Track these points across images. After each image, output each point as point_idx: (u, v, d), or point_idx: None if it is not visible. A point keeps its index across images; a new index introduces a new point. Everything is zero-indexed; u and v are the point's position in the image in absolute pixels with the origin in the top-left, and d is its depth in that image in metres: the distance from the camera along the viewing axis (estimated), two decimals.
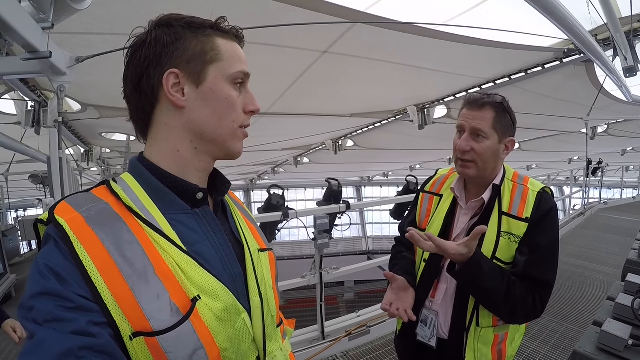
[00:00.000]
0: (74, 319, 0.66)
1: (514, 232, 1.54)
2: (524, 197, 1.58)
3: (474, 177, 1.62)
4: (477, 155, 1.56)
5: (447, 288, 1.68)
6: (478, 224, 1.57)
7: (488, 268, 1.47)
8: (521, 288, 1.49)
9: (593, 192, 15.16)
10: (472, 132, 1.56)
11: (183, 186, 0.87)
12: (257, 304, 0.91)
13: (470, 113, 1.57)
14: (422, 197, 1.90)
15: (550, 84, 5.84)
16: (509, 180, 1.65)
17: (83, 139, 7.59)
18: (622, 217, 10.12)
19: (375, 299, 16.71)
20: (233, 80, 0.88)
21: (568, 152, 15.73)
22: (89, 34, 3.24)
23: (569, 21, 2.96)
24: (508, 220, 1.56)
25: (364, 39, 4.02)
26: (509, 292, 1.46)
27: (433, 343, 1.68)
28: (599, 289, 5.18)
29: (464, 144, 1.57)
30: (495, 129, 1.55)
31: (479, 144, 1.55)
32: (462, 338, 1.60)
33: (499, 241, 1.54)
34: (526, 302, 1.49)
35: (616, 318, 2.08)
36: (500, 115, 1.55)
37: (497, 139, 1.56)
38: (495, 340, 1.62)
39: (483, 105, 1.55)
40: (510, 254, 1.54)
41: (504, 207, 1.58)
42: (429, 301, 1.73)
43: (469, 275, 1.48)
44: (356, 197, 26.41)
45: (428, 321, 1.71)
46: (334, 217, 6.03)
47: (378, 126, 8.57)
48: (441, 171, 1.94)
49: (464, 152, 1.57)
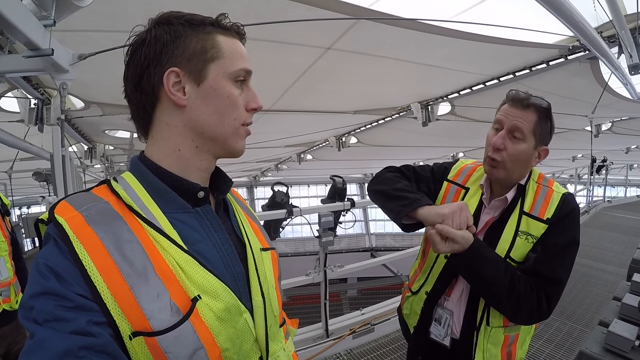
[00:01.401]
0: (74, 318, 0.66)
1: (532, 233, 1.49)
2: (547, 198, 1.53)
3: (501, 179, 1.56)
4: (508, 157, 1.49)
5: (463, 287, 1.64)
6: (497, 223, 1.55)
7: (489, 255, 1.45)
8: (526, 284, 1.44)
9: (597, 190, 15.11)
10: (510, 130, 1.48)
11: (184, 185, 0.86)
12: (260, 303, 0.90)
13: (512, 110, 1.49)
14: (447, 187, 1.78)
15: (554, 81, 5.80)
16: (533, 181, 1.59)
17: (86, 137, 7.61)
18: (626, 215, 10.11)
19: (379, 296, 16.74)
20: (234, 77, 0.87)
21: (572, 150, 15.65)
22: (92, 31, 3.23)
23: (575, 18, 2.94)
24: (527, 221, 1.51)
25: (368, 36, 4.00)
26: (512, 286, 1.42)
27: (447, 342, 1.66)
28: (604, 288, 5.17)
29: (498, 141, 1.49)
30: (534, 133, 1.47)
31: (514, 145, 1.47)
32: (473, 337, 1.59)
33: (515, 241, 1.50)
34: (530, 299, 1.44)
35: (622, 318, 2.07)
36: (542, 120, 1.47)
37: (534, 144, 1.49)
38: (506, 341, 1.60)
39: (528, 106, 1.47)
40: (524, 254, 1.50)
41: (525, 207, 1.54)
42: (445, 299, 1.70)
43: (468, 260, 1.45)
44: (360, 194, 26.42)
45: (442, 320, 1.68)
46: (339, 215, 6.03)
47: (382, 123, 8.53)
48: (464, 161, 1.85)
49: (496, 150, 1.50)
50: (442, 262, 1.69)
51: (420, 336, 1.78)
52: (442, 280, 1.69)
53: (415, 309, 1.81)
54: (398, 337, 4.04)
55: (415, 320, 1.81)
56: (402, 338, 3.96)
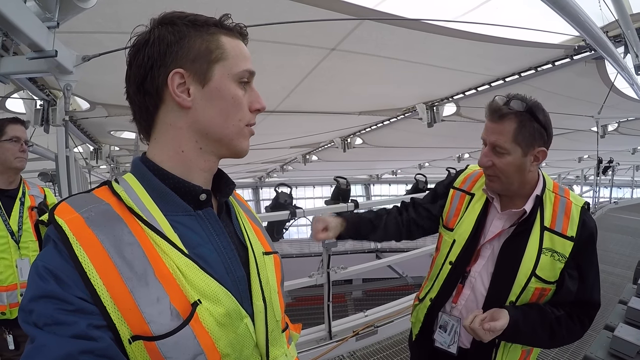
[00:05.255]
0: (74, 322, 0.65)
1: (558, 250, 1.47)
2: (567, 211, 1.51)
3: (500, 190, 1.56)
4: (499, 171, 1.48)
5: (469, 294, 1.62)
6: (514, 235, 1.53)
7: (526, 329, 1.43)
8: (567, 322, 1.47)
9: (603, 192, 15.01)
10: (491, 148, 1.48)
11: (186, 187, 0.85)
12: (261, 308, 0.89)
13: (490, 125, 1.48)
14: (452, 194, 1.79)
15: (560, 81, 5.78)
16: (550, 192, 1.56)
17: (92, 137, 7.64)
18: (633, 217, 10.03)
19: (384, 297, 16.67)
20: (239, 79, 0.86)
21: (578, 151, 15.57)
22: (97, 32, 3.25)
23: (580, 17, 2.92)
24: (551, 237, 1.49)
25: (373, 36, 4.00)
26: (553, 335, 1.46)
27: (454, 350, 1.63)
28: (609, 291, 5.12)
29: (484, 160, 1.50)
30: (517, 143, 1.43)
31: (499, 159, 1.46)
32: (487, 352, 1.57)
33: (540, 258, 1.47)
34: (573, 332, 1.50)
35: (628, 323, 2.05)
36: (524, 125, 1.42)
37: (521, 152, 1.44)
38: (522, 355, 1.60)
39: (503, 117, 1.43)
40: (553, 272, 1.47)
41: (545, 222, 1.51)
42: (450, 306, 1.68)
43: (508, 339, 1.49)
44: (365, 195, 26.39)
45: (448, 327, 1.65)
46: None
47: (387, 124, 8.54)
48: (473, 167, 1.84)
49: (487, 167, 1.51)
50: (447, 268, 1.69)
51: (423, 343, 1.77)
52: (447, 286, 1.68)
53: (419, 316, 1.80)
54: (401, 340, 4.02)
55: (418, 328, 1.80)
56: (405, 340, 3.94)
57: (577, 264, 1.48)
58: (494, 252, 1.58)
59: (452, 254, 1.67)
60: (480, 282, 1.59)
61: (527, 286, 1.47)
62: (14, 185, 2.52)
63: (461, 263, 1.64)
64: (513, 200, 1.58)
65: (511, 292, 1.49)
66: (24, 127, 2.51)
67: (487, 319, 1.38)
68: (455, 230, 1.69)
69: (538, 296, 1.50)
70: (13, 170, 2.48)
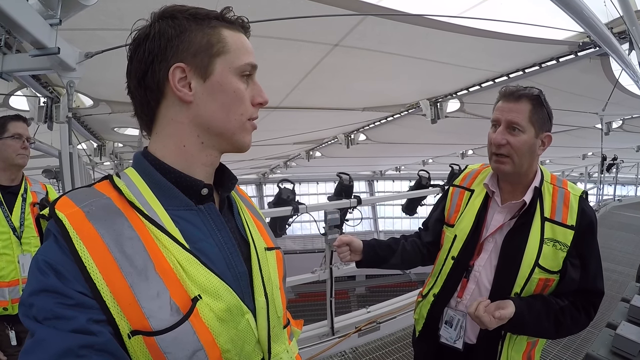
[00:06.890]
0: (74, 316, 0.65)
1: (559, 240, 1.49)
2: (566, 201, 1.54)
3: (509, 173, 1.56)
4: (514, 150, 1.50)
5: (474, 288, 1.63)
6: (516, 227, 1.55)
7: (531, 319, 1.45)
8: (571, 312, 1.49)
9: (607, 189, 14.97)
10: (508, 126, 1.51)
11: (187, 182, 0.84)
12: (262, 304, 0.89)
13: (506, 105, 1.52)
14: (452, 191, 1.83)
15: (564, 78, 5.76)
16: (548, 183, 1.59)
17: (96, 134, 7.66)
18: (637, 215, 9.99)
19: (387, 293, 16.70)
20: (241, 72, 0.86)
21: (582, 148, 15.52)
22: (100, 29, 3.25)
23: (585, 13, 2.90)
24: (552, 227, 1.51)
25: (376, 32, 3.99)
26: (558, 325, 1.48)
27: (459, 345, 1.63)
28: (612, 289, 5.10)
29: (499, 138, 1.52)
30: (532, 122, 1.49)
31: (515, 138, 1.50)
32: (494, 345, 1.57)
33: (542, 248, 1.49)
34: (578, 322, 1.51)
35: (631, 321, 2.03)
36: (537, 108, 1.50)
37: (534, 132, 1.50)
38: (527, 347, 1.60)
39: (519, 98, 1.50)
40: (556, 262, 1.49)
41: (545, 212, 1.54)
42: (455, 301, 1.68)
43: (514, 330, 1.51)
44: (368, 191, 26.37)
45: (454, 322, 1.65)
46: (345, 212, 6.02)
47: (390, 120, 8.53)
48: (471, 166, 1.88)
49: (500, 146, 1.52)
50: (450, 263, 1.69)
51: (427, 340, 1.76)
52: (450, 281, 1.69)
53: (423, 312, 1.80)
54: (404, 336, 4.03)
55: (422, 324, 1.80)
56: (408, 337, 3.94)
57: (579, 253, 1.50)
58: (496, 245, 1.59)
59: (454, 249, 1.68)
60: (484, 276, 1.60)
61: (531, 277, 1.49)
62: (16, 181, 2.53)
63: (464, 258, 1.65)
64: (513, 193, 1.61)
65: (515, 283, 1.50)
66: (25, 124, 2.51)
67: (494, 309, 1.39)
68: (456, 225, 1.71)
69: (542, 287, 1.51)
70: (15, 167, 2.48)
